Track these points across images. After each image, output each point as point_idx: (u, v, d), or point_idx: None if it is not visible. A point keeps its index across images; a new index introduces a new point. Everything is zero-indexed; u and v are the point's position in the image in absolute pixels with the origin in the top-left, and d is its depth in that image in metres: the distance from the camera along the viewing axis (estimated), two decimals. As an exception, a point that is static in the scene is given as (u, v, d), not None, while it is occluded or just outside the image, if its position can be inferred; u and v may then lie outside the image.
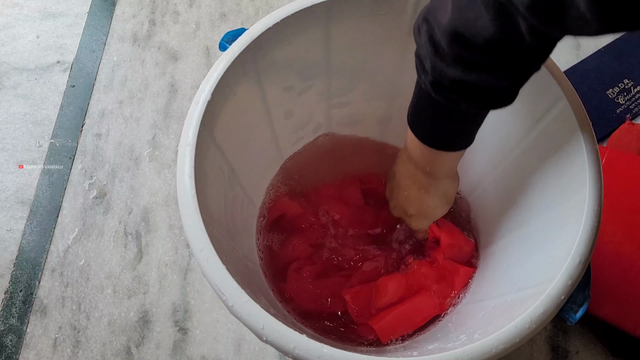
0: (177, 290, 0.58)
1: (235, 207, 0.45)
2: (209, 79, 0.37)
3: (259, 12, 0.75)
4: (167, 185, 0.64)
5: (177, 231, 0.61)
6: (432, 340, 0.44)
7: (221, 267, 0.31)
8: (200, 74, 0.71)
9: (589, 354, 0.53)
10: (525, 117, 0.41)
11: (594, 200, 0.33)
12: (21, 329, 0.57)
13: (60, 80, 0.72)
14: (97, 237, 0.61)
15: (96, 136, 0.68)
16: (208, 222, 0.33)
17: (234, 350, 0.55)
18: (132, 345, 0.56)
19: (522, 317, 0.30)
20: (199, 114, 0.36)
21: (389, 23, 0.43)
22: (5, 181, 0.66)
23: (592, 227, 0.32)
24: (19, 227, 0.63)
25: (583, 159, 0.34)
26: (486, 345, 0.29)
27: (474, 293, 0.47)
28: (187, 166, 0.34)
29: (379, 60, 0.47)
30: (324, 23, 0.42)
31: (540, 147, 0.40)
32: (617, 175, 0.56)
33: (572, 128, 0.36)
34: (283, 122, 0.50)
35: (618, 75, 0.67)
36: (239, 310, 0.30)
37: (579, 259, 0.31)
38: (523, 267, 0.40)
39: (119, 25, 0.75)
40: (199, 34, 0.74)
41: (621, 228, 0.53)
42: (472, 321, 0.41)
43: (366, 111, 0.55)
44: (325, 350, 0.28)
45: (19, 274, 0.60)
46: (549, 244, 0.37)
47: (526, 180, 0.43)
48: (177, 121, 0.68)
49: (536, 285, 0.33)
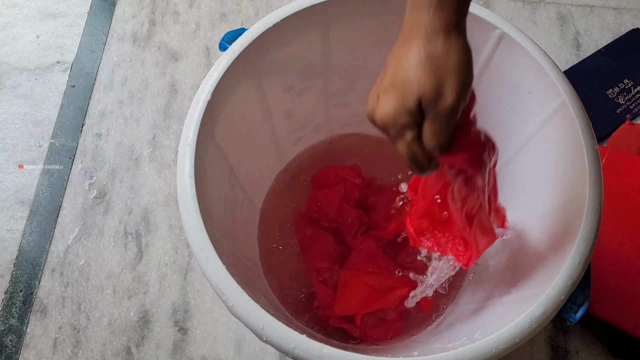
0: (177, 290, 0.58)
1: (235, 207, 0.45)
2: (209, 79, 0.37)
3: (259, 12, 0.75)
4: (167, 185, 0.64)
5: (177, 231, 0.61)
6: (432, 340, 0.44)
7: (221, 267, 0.31)
8: (200, 74, 0.71)
9: (589, 354, 0.53)
10: (526, 117, 0.41)
11: (594, 200, 0.33)
12: (21, 329, 0.57)
13: (60, 80, 0.72)
14: (97, 237, 0.61)
15: (96, 136, 0.68)
16: (208, 222, 0.33)
17: (234, 350, 0.55)
18: (132, 345, 0.56)
19: (522, 317, 0.30)
20: (199, 114, 0.36)
21: (388, 23, 0.43)
22: (5, 181, 0.66)
23: (592, 227, 0.32)
24: (19, 227, 0.63)
25: (583, 159, 0.34)
26: (486, 345, 0.29)
27: (473, 293, 0.47)
28: (187, 166, 0.34)
29: (379, 60, 0.47)
30: (323, 23, 0.42)
31: (540, 147, 0.40)
32: (617, 175, 0.56)
33: (572, 128, 0.36)
34: (283, 122, 0.50)
35: (618, 75, 0.67)
36: (239, 310, 0.30)
37: (579, 259, 0.31)
38: (523, 267, 0.40)
39: (119, 25, 0.75)
40: (199, 34, 0.74)
41: (621, 228, 0.53)
42: (472, 321, 0.41)
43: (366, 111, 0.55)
44: (325, 350, 0.28)
45: (19, 274, 0.60)
46: (548, 243, 0.37)
47: (526, 180, 0.43)
48: (177, 121, 0.68)
49: (536, 285, 0.33)
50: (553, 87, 0.37)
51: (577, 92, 0.36)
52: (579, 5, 0.72)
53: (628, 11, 0.72)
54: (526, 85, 0.39)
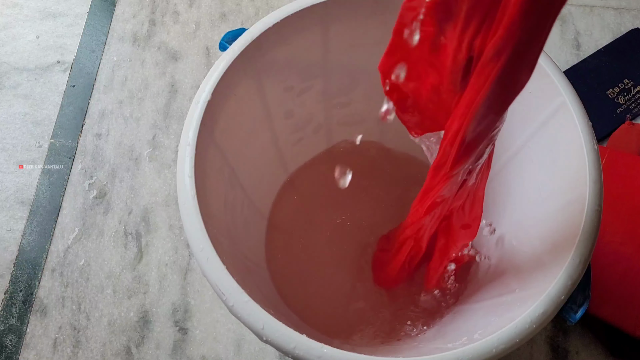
0: (177, 290, 0.58)
1: (235, 207, 0.45)
2: (209, 79, 0.37)
3: (259, 12, 0.75)
4: (167, 185, 0.64)
5: (177, 231, 0.61)
6: (432, 340, 0.44)
7: (221, 267, 0.31)
8: (200, 74, 0.71)
9: (589, 354, 0.53)
10: (525, 117, 0.41)
11: (594, 200, 0.33)
12: (21, 329, 0.57)
13: (60, 80, 0.72)
14: (97, 237, 0.61)
15: (96, 136, 0.68)
16: (208, 222, 0.33)
17: (234, 350, 0.55)
18: (132, 345, 0.56)
19: (522, 317, 0.30)
20: (199, 114, 0.36)
21: (389, 23, 0.43)
22: (5, 181, 0.66)
23: (592, 227, 0.32)
24: (19, 227, 0.63)
25: (583, 159, 0.34)
26: (486, 345, 0.29)
27: (473, 293, 0.47)
28: (187, 166, 0.34)
29: (379, 60, 0.47)
30: (323, 23, 0.42)
31: (540, 147, 0.40)
32: (617, 175, 0.56)
33: (572, 128, 0.36)
34: (283, 122, 0.50)
35: (618, 75, 0.67)
36: (239, 310, 0.30)
37: (579, 259, 0.31)
38: (523, 267, 0.40)
39: (119, 25, 0.75)
40: (199, 34, 0.74)
41: (621, 228, 0.53)
42: (472, 321, 0.41)
43: (366, 111, 0.55)
44: (326, 350, 0.28)
45: (18, 274, 0.60)
46: (549, 244, 0.37)
47: (526, 180, 0.43)
48: (177, 121, 0.68)
49: (536, 285, 0.33)
50: (553, 87, 0.37)
51: (577, 92, 0.36)
52: (579, 5, 0.72)
53: (628, 11, 0.72)
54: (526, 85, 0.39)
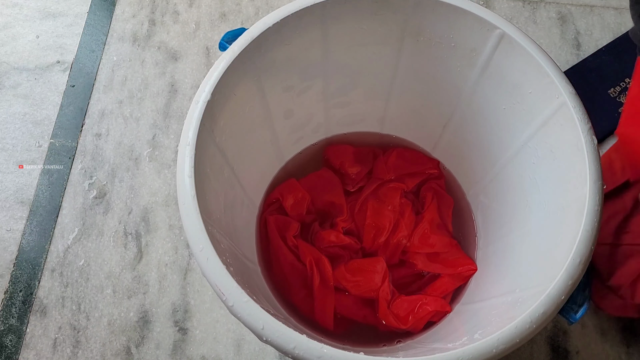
0: (177, 290, 0.58)
1: (235, 207, 0.45)
2: (209, 79, 0.37)
3: (259, 12, 0.75)
4: (167, 185, 0.64)
5: (177, 231, 0.61)
6: (432, 340, 0.44)
7: (221, 267, 0.31)
8: (200, 74, 0.71)
9: (589, 354, 0.53)
10: (525, 116, 0.41)
11: (594, 200, 0.33)
12: (21, 329, 0.57)
13: (60, 80, 0.72)
14: (97, 237, 0.61)
15: (96, 136, 0.68)
16: (208, 222, 0.33)
17: (234, 350, 0.55)
18: (132, 345, 0.56)
19: (522, 317, 0.30)
20: (199, 114, 0.36)
21: (389, 23, 0.43)
22: (5, 181, 0.66)
23: (592, 227, 0.32)
24: (18, 227, 0.63)
25: (583, 159, 0.34)
26: (486, 345, 0.29)
27: (474, 293, 0.47)
28: (187, 166, 0.34)
29: (379, 60, 0.47)
30: (323, 23, 0.42)
31: (540, 147, 0.40)
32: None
33: (572, 128, 0.36)
34: (283, 122, 0.50)
35: (619, 74, 0.67)
36: (239, 310, 0.30)
37: (579, 259, 0.31)
38: (523, 267, 0.40)
39: (118, 25, 0.75)
40: (199, 34, 0.74)
41: (621, 228, 0.53)
42: (472, 321, 0.41)
43: (366, 111, 0.55)
44: (325, 351, 0.28)
45: (18, 274, 0.60)
46: (549, 244, 0.37)
47: (526, 181, 0.43)
48: (177, 121, 0.68)
49: (536, 285, 0.33)
50: (553, 87, 0.37)
51: (578, 92, 0.36)
52: (579, 5, 0.72)
53: (628, 11, 0.71)
54: (526, 85, 0.39)
